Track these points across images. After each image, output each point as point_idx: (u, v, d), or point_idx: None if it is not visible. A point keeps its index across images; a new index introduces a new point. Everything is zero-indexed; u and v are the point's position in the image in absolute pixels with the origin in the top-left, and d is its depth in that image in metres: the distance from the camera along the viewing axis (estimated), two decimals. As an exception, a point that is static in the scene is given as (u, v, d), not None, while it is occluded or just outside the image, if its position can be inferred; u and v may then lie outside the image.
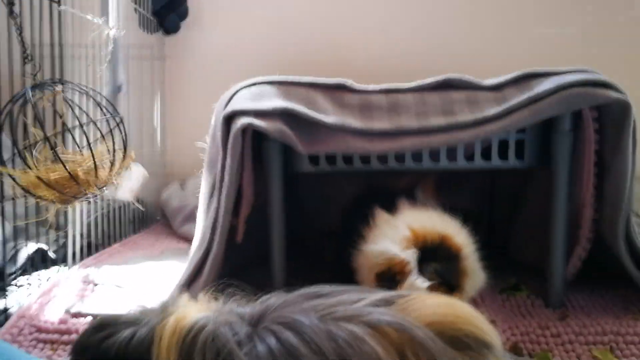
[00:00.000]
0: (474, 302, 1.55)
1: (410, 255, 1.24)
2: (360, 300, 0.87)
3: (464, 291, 1.27)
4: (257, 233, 1.53)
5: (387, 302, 0.87)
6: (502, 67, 1.67)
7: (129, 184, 1.91)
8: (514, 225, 1.89)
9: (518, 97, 1.40)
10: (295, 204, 1.88)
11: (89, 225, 1.88)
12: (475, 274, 1.31)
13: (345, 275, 1.39)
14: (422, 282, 1.20)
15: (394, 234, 1.28)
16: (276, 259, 1.52)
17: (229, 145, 1.34)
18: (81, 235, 1.83)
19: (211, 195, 1.48)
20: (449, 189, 2.01)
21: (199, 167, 2.57)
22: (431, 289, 1.21)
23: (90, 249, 1.91)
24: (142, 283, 1.69)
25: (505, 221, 1.94)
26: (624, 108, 1.36)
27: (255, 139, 1.44)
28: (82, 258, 1.84)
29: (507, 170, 1.88)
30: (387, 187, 1.57)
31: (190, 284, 1.44)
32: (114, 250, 2.05)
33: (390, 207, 1.43)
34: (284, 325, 0.81)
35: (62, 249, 1.83)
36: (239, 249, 1.52)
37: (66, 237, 1.79)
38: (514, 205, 1.91)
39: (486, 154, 1.50)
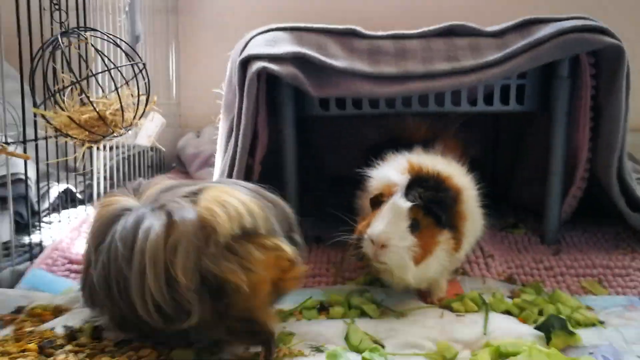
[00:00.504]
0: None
1: (400, 179, 1.24)
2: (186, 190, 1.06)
3: (463, 234, 1.27)
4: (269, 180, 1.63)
5: (196, 193, 1.04)
6: (505, 14, 1.73)
7: (147, 131, 2.02)
8: (514, 170, 1.98)
9: (518, 42, 1.47)
10: (306, 152, 1.97)
11: (111, 168, 1.98)
12: (475, 218, 1.33)
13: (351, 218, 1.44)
14: (403, 202, 1.19)
15: (393, 166, 1.32)
16: (290, 200, 1.62)
17: (245, 89, 1.43)
18: (104, 178, 1.94)
19: (229, 137, 1.58)
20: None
21: (213, 116, 2.66)
22: (416, 216, 1.19)
23: (112, 190, 2.03)
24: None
25: (506, 168, 2.03)
26: (618, 53, 1.44)
27: (268, 85, 1.53)
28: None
29: (508, 119, 1.97)
30: (407, 137, 1.60)
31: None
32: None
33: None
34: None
35: (87, 190, 1.95)
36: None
37: (91, 179, 1.91)
38: (515, 153, 1.99)
39: (488, 100, 1.58)
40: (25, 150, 1.42)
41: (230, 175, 1.52)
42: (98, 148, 1.55)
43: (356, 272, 1.50)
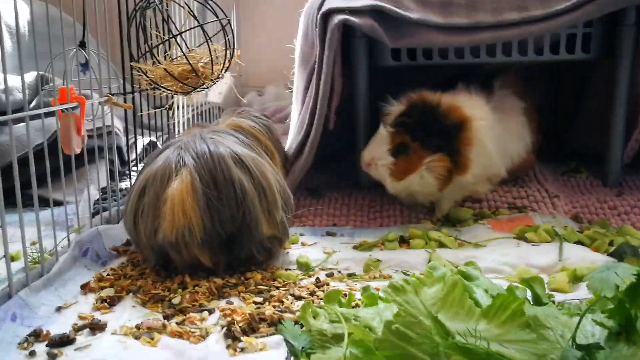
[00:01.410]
0: (539, 182, 1.74)
1: (395, 109, 1.49)
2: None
3: (469, 159, 1.44)
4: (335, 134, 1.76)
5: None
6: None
7: (218, 88, 2.14)
8: (576, 117, 2.04)
9: (587, -9, 1.53)
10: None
11: (187, 121, 2.11)
12: (483, 148, 1.47)
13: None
14: (383, 129, 1.48)
15: (405, 98, 1.51)
16: (362, 146, 1.73)
17: (327, 40, 1.52)
18: (179, 132, 2.07)
19: (306, 89, 1.68)
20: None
21: (273, 77, 2.76)
22: (402, 140, 1.44)
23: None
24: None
25: (568, 114, 2.09)
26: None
27: (342, 37, 1.62)
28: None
29: (569, 68, 2.02)
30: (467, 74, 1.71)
31: (292, 163, 1.66)
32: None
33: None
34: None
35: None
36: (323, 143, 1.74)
37: (168, 133, 2.04)
38: (576, 100, 2.05)
39: (554, 49, 1.65)
40: (125, 101, 1.55)
41: (311, 124, 1.62)
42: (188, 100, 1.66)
43: (425, 213, 1.60)
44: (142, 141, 1.96)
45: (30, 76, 1.85)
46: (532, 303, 0.93)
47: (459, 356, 0.70)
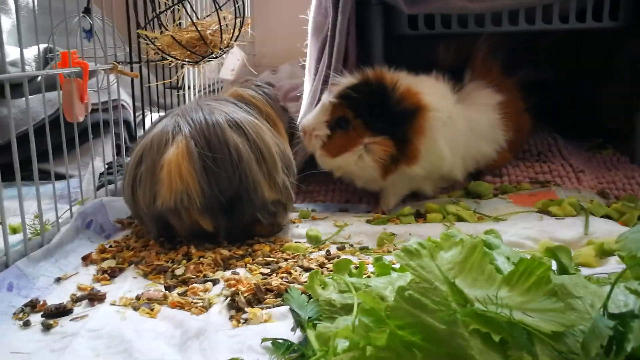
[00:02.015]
0: (563, 158, 1.66)
1: (347, 81, 1.38)
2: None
3: (418, 150, 1.31)
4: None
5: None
6: None
7: (229, 64, 2.08)
8: (601, 91, 1.95)
9: (617, -49, 1.44)
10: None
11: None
12: (434, 143, 1.33)
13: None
14: (327, 98, 1.36)
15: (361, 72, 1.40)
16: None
17: (340, 5, 1.45)
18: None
19: (319, 59, 1.62)
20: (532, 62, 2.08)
21: (287, 56, 2.69)
22: (345, 115, 1.32)
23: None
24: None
25: (592, 88, 2.00)
26: None
27: (357, 7, 1.55)
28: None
29: (592, 41, 1.92)
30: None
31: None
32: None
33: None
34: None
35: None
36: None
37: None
38: (602, 73, 1.96)
39: (580, 16, 1.56)
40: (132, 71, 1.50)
41: (321, 95, 1.56)
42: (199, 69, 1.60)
43: (443, 189, 1.53)
44: (150, 117, 1.91)
45: (35, 49, 1.81)
46: (557, 273, 0.87)
47: (478, 325, 0.63)
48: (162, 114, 2.06)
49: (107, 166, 1.55)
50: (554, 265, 0.88)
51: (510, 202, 1.38)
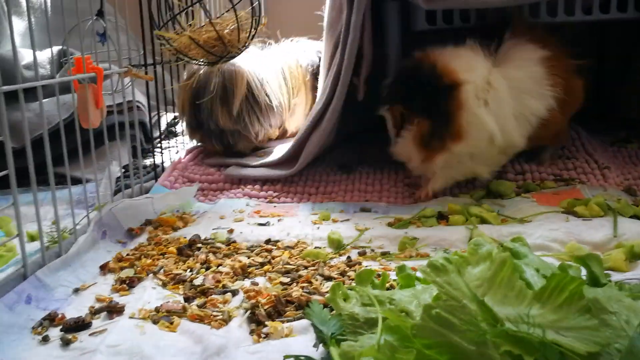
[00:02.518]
0: (587, 153, 1.61)
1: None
2: None
3: (462, 128, 1.28)
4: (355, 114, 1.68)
5: None
6: None
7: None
8: (625, 83, 1.90)
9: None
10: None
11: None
12: (474, 114, 1.29)
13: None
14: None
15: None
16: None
17: (356, 1, 1.42)
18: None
19: (333, 55, 1.59)
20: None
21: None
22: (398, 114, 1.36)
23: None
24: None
25: (616, 80, 1.94)
26: None
27: (373, 3, 1.51)
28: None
29: (616, 31, 1.87)
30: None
31: (310, 133, 1.58)
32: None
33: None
34: None
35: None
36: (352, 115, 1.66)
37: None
38: (625, 64, 1.90)
39: (603, 7, 1.51)
40: (147, 73, 1.48)
41: (333, 91, 1.53)
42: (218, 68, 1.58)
43: (463, 188, 1.50)
44: (166, 117, 1.89)
45: (49, 51, 1.80)
46: (588, 284, 0.84)
47: (509, 346, 0.61)
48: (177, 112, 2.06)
49: (123, 170, 1.54)
50: (583, 272, 0.85)
51: (534, 202, 1.35)
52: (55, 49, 1.77)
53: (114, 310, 0.95)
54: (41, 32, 1.84)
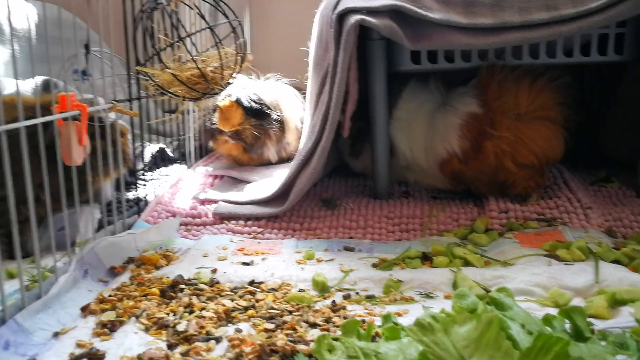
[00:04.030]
0: (571, 191, 1.63)
1: None
2: None
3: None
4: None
5: None
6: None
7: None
8: (605, 122, 1.93)
9: (622, -12, 1.42)
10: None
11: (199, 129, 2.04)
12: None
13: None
14: None
15: None
16: (380, 153, 1.64)
17: (342, 41, 1.43)
18: (194, 138, 2.00)
19: (319, 93, 1.60)
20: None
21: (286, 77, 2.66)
22: None
23: (201, 150, 2.09)
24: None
25: (595, 119, 1.98)
26: None
27: (358, 40, 1.53)
28: (196, 158, 2.02)
29: (594, 71, 1.91)
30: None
31: (299, 172, 1.58)
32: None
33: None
34: None
35: (176, 150, 2.02)
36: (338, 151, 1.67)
37: (179, 139, 1.97)
38: (604, 103, 1.94)
39: (584, 50, 1.55)
40: (131, 109, 1.48)
41: (322, 130, 1.54)
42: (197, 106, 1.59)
43: (447, 225, 1.51)
44: (150, 149, 1.88)
45: (33, 81, 1.78)
46: (571, 335, 0.84)
47: (497, 409, 0.61)
48: (162, 143, 2.06)
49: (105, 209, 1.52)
50: (567, 325, 0.86)
51: (516, 242, 1.36)
52: (40, 78, 1.75)
53: (94, 357, 0.93)
54: (25, 60, 1.83)
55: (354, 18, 1.41)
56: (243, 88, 1.80)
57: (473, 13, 1.47)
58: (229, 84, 1.50)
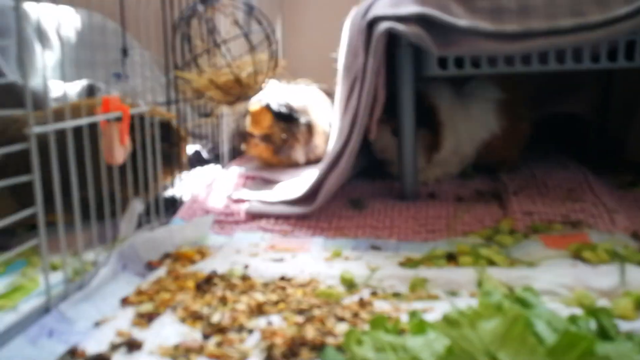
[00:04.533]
0: (595, 195, 1.65)
1: None
2: None
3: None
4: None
5: None
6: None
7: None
8: (631, 127, 1.94)
9: (650, -6, 1.44)
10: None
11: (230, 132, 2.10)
12: None
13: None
14: None
15: None
16: (407, 154, 1.68)
17: (371, 48, 1.48)
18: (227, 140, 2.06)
19: (348, 98, 1.64)
20: (560, 95, 2.08)
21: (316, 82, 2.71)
22: None
23: (234, 152, 2.15)
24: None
25: (622, 124, 1.98)
26: None
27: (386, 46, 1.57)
28: (229, 160, 2.09)
29: (622, 76, 1.92)
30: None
31: (327, 173, 1.62)
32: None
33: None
34: None
35: (211, 152, 2.08)
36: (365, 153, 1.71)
37: (212, 141, 2.03)
38: (630, 111, 1.95)
39: (610, 55, 1.56)
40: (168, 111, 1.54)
41: (350, 133, 1.58)
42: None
43: (472, 226, 1.54)
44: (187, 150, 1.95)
45: (79, 84, 1.86)
46: (597, 334, 0.86)
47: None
48: (197, 145, 2.12)
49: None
50: (593, 325, 0.88)
51: (541, 244, 1.38)
52: (84, 82, 1.83)
53: (133, 346, 0.98)
54: (70, 65, 1.91)
55: (383, 25, 1.45)
56: (274, 93, 1.85)
57: (499, 20, 1.49)
58: (262, 88, 1.55)
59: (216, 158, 2.05)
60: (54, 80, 1.82)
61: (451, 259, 1.34)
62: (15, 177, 1.01)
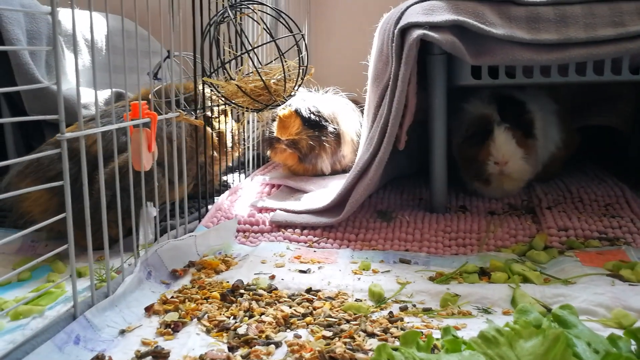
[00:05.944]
0: (633, 212, 1.59)
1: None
2: None
3: None
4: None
5: None
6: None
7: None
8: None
9: (695, 4, 1.39)
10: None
11: (254, 139, 2.09)
12: None
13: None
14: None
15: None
16: (437, 169, 1.64)
17: (404, 55, 1.45)
18: (252, 147, 2.05)
19: (379, 106, 1.61)
20: (594, 107, 2.03)
21: (344, 90, 2.70)
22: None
23: (259, 160, 2.14)
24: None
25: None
26: None
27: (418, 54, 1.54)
28: (254, 167, 2.07)
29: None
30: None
31: (355, 183, 1.60)
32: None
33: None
34: None
35: (236, 159, 2.07)
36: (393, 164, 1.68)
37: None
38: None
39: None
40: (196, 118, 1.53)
41: (380, 142, 1.55)
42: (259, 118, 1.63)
43: (505, 241, 1.49)
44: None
45: (107, 91, 1.86)
46: (638, 356, 0.82)
47: None
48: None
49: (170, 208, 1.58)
50: (634, 346, 0.84)
51: (577, 261, 1.33)
52: (113, 90, 1.83)
53: (159, 356, 0.97)
54: (99, 70, 1.92)
55: (416, 33, 1.43)
56: (303, 100, 1.83)
57: (536, 29, 1.46)
58: (291, 96, 1.53)
59: (241, 165, 2.03)
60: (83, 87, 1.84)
61: (484, 274, 1.30)
62: (51, 182, 1.01)
